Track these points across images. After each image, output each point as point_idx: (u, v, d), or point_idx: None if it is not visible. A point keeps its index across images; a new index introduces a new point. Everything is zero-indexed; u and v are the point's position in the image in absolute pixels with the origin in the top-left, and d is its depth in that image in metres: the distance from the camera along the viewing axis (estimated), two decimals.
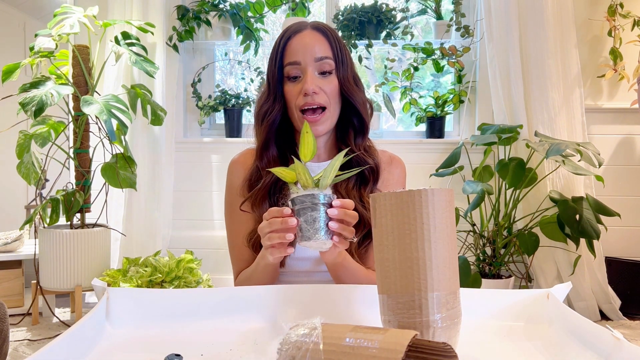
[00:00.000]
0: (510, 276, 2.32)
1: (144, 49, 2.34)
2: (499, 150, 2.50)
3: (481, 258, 2.39)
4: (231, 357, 0.67)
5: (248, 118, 2.86)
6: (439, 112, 2.73)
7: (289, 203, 0.80)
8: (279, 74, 1.05)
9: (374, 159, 1.10)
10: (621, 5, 2.58)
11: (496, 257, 2.34)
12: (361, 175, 1.09)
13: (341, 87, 1.05)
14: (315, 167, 1.10)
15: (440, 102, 2.72)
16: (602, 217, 2.19)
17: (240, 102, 2.75)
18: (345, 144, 1.09)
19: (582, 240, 2.19)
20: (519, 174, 2.23)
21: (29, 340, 2.14)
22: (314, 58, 1.02)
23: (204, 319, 0.79)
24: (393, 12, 2.66)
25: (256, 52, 2.75)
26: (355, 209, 0.97)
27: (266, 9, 2.74)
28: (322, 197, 0.77)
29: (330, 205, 0.78)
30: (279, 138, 1.08)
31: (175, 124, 2.72)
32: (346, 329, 0.59)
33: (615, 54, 2.60)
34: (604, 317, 2.48)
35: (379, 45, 2.69)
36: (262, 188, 1.05)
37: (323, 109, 1.03)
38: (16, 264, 2.48)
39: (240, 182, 1.09)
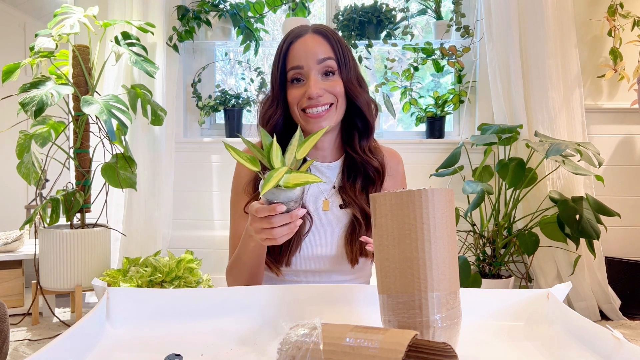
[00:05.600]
0: (510, 276, 2.32)
1: (144, 49, 2.34)
2: (499, 150, 2.50)
3: (481, 258, 2.39)
4: (231, 357, 0.67)
5: (248, 118, 2.86)
6: (439, 112, 2.73)
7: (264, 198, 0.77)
8: (281, 78, 1.05)
9: (379, 160, 1.10)
10: (621, 5, 2.58)
11: (496, 257, 2.34)
12: (367, 177, 1.09)
13: (345, 88, 1.05)
14: (322, 168, 1.11)
15: (440, 102, 2.72)
16: (602, 217, 2.19)
17: (240, 102, 2.75)
18: (351, 146, 1.10)
19: (582, 240, 2.19)
20: (519, 174, 2.23)
21: (29, 340, 2.14)
22: (316, 60, 1.02)
23: (204, 319, 0.79)
24: (393, 12, 2.66)
25: (256, 52, 2.75)
26: (363, 211, 1.06)
27: (266, 9, 2.74)
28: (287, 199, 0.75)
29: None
30: (282, 140, 1.08)
31: (175, 124, 2.71)
32: (346, 329, 0.59)
33: (615, 54, 2.60)
34: (604, 317, 2.48)
35: (379, 45, 2.69)
36: None
37: (330, 104, 1.04)
38: (16, 264, 2.48)
39: (248, 176, 1.09)
